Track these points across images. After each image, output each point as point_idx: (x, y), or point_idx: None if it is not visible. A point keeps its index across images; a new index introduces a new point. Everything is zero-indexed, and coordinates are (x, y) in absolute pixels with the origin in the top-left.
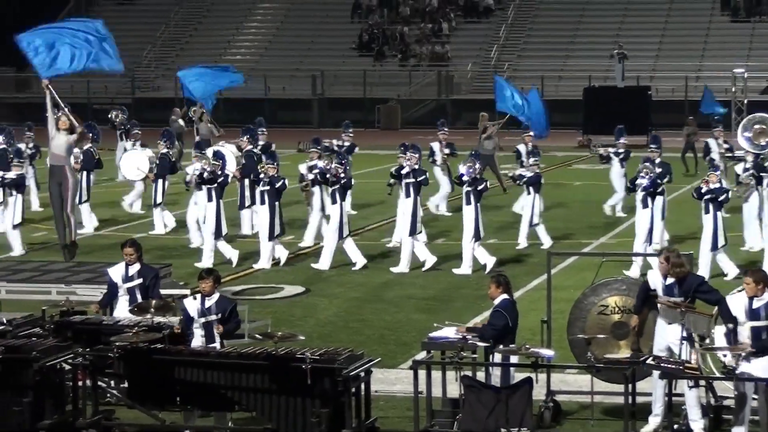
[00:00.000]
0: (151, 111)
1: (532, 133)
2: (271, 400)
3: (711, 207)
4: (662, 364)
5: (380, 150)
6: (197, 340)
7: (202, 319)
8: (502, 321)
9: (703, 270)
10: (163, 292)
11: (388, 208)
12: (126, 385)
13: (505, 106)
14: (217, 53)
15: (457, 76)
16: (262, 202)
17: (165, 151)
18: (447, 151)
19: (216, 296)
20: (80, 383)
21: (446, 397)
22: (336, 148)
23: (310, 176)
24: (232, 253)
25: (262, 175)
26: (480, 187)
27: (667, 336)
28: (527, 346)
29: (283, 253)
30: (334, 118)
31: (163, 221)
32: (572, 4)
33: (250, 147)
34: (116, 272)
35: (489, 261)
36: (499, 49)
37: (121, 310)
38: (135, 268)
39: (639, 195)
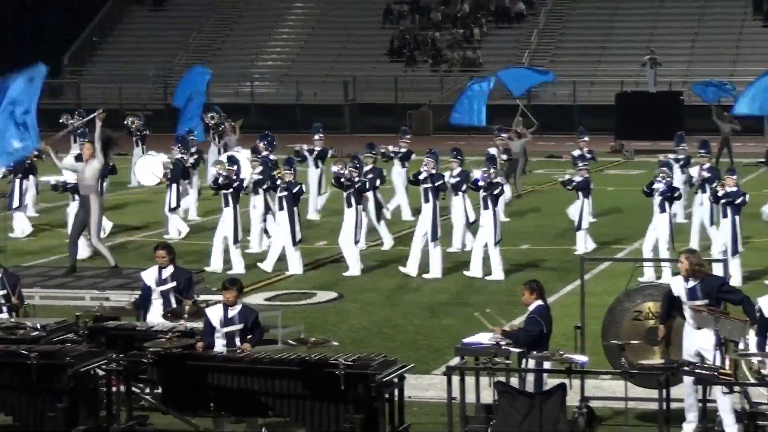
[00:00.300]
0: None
1: (587, 138)
2: (304, 406)
3: (729, 211)
4: (696, 370)
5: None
6: (218, 350)
7: (225, 329)
8: (537, 327)
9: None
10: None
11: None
12: (160, 390)
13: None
14: (249, 59)
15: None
16: (281, 208)
17: (179, 156)
18: (505, 156)
19: (239, 306)
20: (114, 389)
21: (480, 403)
22: (392, 155)
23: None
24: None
25: (279, 181)
26: (496, 192)
27: (696, 341)
28: (561, 352)
29: (298, 271)
30: (365, 123)
31: (177, 227)
32: (604, 10)
33: (266, 153)
34: (150, 276)
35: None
36: (531, 55)
37: (155, 314)
38: (168, 271)
39: (656, 200)
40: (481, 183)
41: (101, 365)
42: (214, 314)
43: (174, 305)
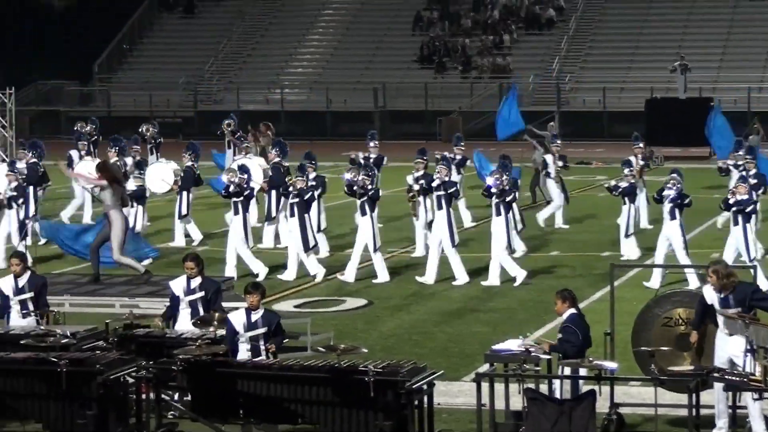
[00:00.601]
0: (214, 124)
1: (641, 144)
2: (334, 413)
3: (740, 219)
4: (726, 376)
5: None
6: (242, 355)
7: (249, 334)
8: (574, 336)
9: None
10: (225, 305)
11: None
12: (189, 397)
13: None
14: (279, 66)
15: (518, 88)
16: (292, 215)
17: (190, 164)
18: (560, 163)
19: (262, 310)
20: (144, 396)
21: (509, 410)
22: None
23: (416, 186)
24: (256, 265)
25: (290, 188)
26: (509, 198)
27: (728, 348)
28: (590, 359)
29: (320, 270)
30: (395, 130)
31: (184, 233)
32: (634, 16)
33: (278, 159)
34: (178, 285)
35: (519, 274)
36: (561, 61)
37: (183, 323)
38: (197, 282)
39: (666, 206)
40: (493, 190)
41: (131, 372)
42: (237, 319)
43: (201, 314)
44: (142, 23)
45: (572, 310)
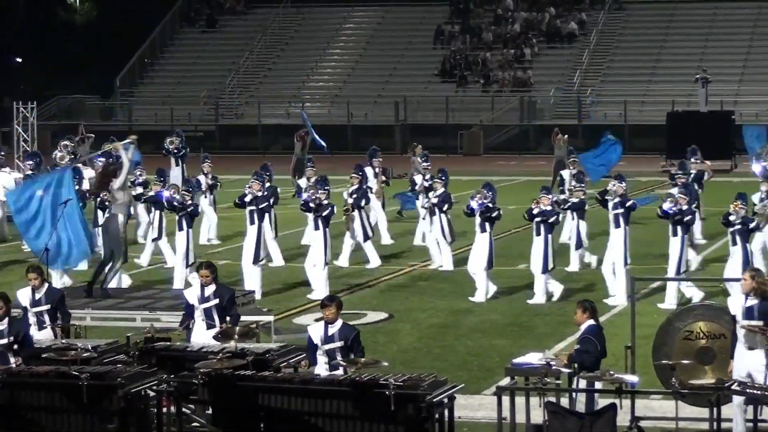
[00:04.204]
0: (235, 138)
1: (696, 159)
2: (354, 426)
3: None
4: (747, 390)
5: (463, 176)
6: (320, 368)
7: (325, 347)
8: (592, 346)
9: None
10: (246, 318)
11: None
12: (210, 411)
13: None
14: (300, 80)
15: (539, 101)
16: (316, 228)
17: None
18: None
19: (339, 323)
20: (165, 409)
21: (530, 423)
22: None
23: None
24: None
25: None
26: (493, 215)
27: (747, 361)
28: (611, 372)
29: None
30: (416, 144)
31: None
32: (655, 29)
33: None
34: (192, 293)
35: (490, 289)
36: (582, 74)
37: (198, 331)
38: (210, 289)
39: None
40: (474, 207)
41: (152, 386)
42: (316, 332)
43: (217, 322)
44: (164, 38)
45: (591, 322)
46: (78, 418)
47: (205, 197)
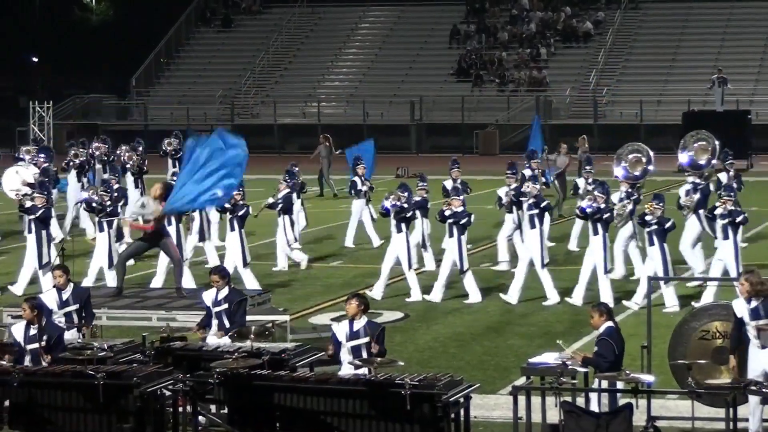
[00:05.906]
0: (251, 137)
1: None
2: (370, 426)
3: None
4: (763, 389)
5: (478, 176)
6: (344, 365)
7: (350, 343)
8: (609, 349)
9: None
10: (262, 317)
11: (492, 233)
12: (226, 410)
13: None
14: (316, 80)
15: (555, 101)
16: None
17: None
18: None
19: (364, 320)
20: (181, 409)
21: (546, 423)
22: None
23: (506, 199)
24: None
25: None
26: (462, 221)
27: (761, 360)
28: (627, 372)
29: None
30: (431, 143)
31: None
32: (671, 28)
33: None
34: (208, 297)
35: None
36: (598, 74)
37: (212, 334)
38: (223, 293)
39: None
40: (447, 213)
41: (168, 385)
42: (340, 329)
43: (227, 325)
44: (180, 37)
45: (609, 323)
46: (94, 418)
47: None
